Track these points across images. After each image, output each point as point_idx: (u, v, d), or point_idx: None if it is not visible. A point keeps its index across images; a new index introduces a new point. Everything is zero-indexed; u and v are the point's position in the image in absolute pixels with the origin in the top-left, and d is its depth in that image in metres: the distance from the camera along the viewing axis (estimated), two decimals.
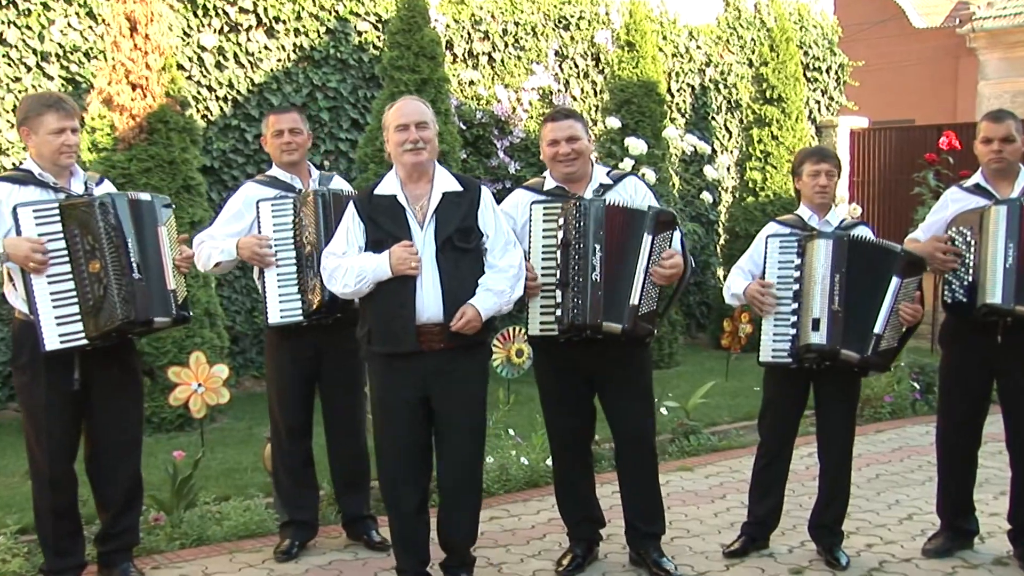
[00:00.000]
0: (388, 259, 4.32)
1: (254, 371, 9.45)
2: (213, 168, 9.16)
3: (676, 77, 12.86)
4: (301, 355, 5.13)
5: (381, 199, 4.47)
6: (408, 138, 4.43)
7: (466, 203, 4.47)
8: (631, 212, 4.61)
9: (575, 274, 4.53)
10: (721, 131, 13.41)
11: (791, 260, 4.91)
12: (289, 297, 5.03)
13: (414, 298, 4.32)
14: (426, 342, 4.34)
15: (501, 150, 10.86)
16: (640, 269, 4.54)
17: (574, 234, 4.54)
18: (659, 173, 10.20)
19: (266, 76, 9.46)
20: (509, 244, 4.52)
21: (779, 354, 4.90)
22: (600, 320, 4.52)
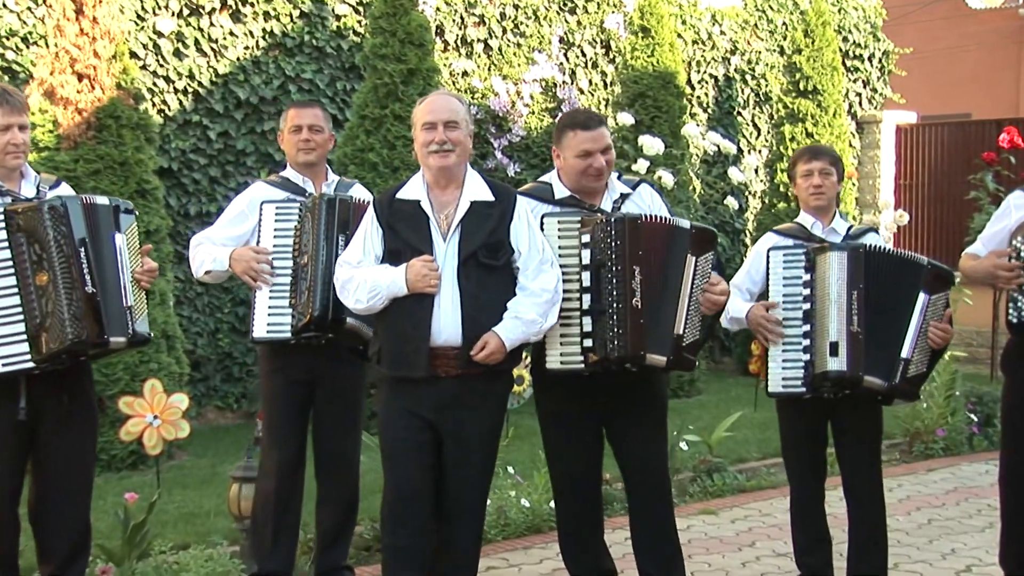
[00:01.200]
0: (405, 274, 4.36)
1: (217, 401, 9.45)
2: (171, 170, 9.18)
3: (697, 67, 12.90)
4: (293, 377, 5.16)
5: (403, 204, 4.51)
6: (434, 139, 4.47)
7: (497, 214, 4.49)
8: (672, 230, 4.62)
9: (613, 300, 4.51)
10: (748, 128, 13.44)
11: (798, 276, 4.91)
12: (279, 311, 5.06)
13: (430, 319, 4.35)
14: (441, 367, 4.37)
15: (498, 150, 10.89)
16: (684, 294, 4.55)
17: (609, 255, 4.52)
18: (678, 176, 10.22)
19: (232, 66, 9.49)
20: (545, 264, 4.52)
21: (791, 384, 4.89)
22: (643, 352, 4.51)
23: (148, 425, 5.59)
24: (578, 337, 4.56)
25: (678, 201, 10.16)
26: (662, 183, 8.38)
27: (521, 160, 11.08)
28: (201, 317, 9.36)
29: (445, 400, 4.40)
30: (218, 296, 9.37)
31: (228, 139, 9.51)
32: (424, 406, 4.41)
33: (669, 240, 4.59)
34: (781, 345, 4.90)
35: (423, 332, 4.34)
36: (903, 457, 8.44)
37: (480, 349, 4.33)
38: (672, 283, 4.56)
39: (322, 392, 5.15)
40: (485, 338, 4.35)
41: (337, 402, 5.19)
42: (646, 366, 4.55)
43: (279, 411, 5.20)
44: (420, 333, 4.35)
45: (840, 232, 5.08)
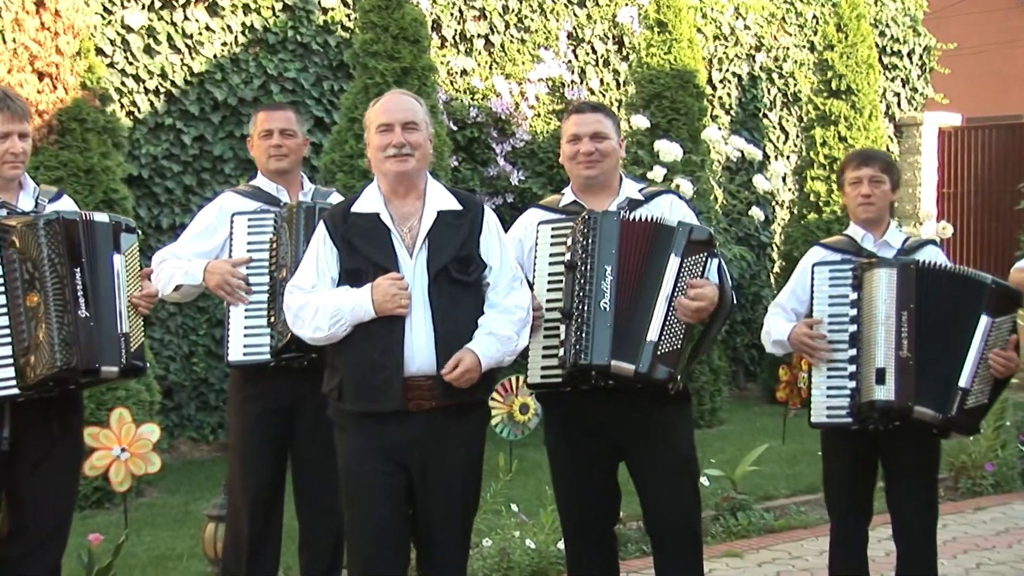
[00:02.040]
0: (370, 295, 4.30)
1: (192, 432, 9.44)
2: (141, 178, 9.19)
3: (719, 64, 12.92)
4: (271, 406, 5.15)
5: (360, 218, 4.46)
6: (391, 141, 4.43)
7: (466, 225, 4.46)
8: (655, 227, 4.60)
9: (579, 302, 4.52)
10: (775, 132, 13.46)
11: (845, 295, 4.89)
12: (256, 331, 5.07)
13: (402, 344, 4.29)
14: (414, 400, 4.31)
15: (501, 156, 10.90)
16: (662, 298, 4.52)
17: (581, 254, 4.54)
18: (697, 184, 10.23)
19: (208, 64, 9.51)
20: (516, 281, 4.52)
21: (836, 413, 4.87)
22: (608, 359, 4.49)
23: (115, 459, 5.59)
24: (556, 347, 4.57)
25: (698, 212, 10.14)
26: (680, 192, 8.37)
27: (525, 167, 11.08)
28: (174, 340, 9.36)
29: (416, 437, 4.33)
30: (192, 317, 9.37)
31: (204, 144, 9.52)
32: (393, 444, 4.35)
33: (650, 239, 4.58)
34: (825, 371, 4.89)
35: (395, 360, 4.28)
36: (948, 494, 8.41)
37: (453, 367, 4.28)
38: (648, 285, 4.54)
39: (303, 420, 5.13)
40: (459, 355, 4.29)
41: (320, 431, 5.16)
42: (615, 376, 4.52)
43: (254, 443, 5.19)
44: (391, 361, 4.28)
45: (894, 245, 5.05)
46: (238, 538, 5.21)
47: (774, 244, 13.00)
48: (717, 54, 12.89)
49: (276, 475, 5.23)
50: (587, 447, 4.77)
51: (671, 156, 9.31)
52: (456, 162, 10.42)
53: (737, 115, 13.09)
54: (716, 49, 12.88)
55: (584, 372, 4.53)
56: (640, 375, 4.49)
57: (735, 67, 13.08)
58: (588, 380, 4.57)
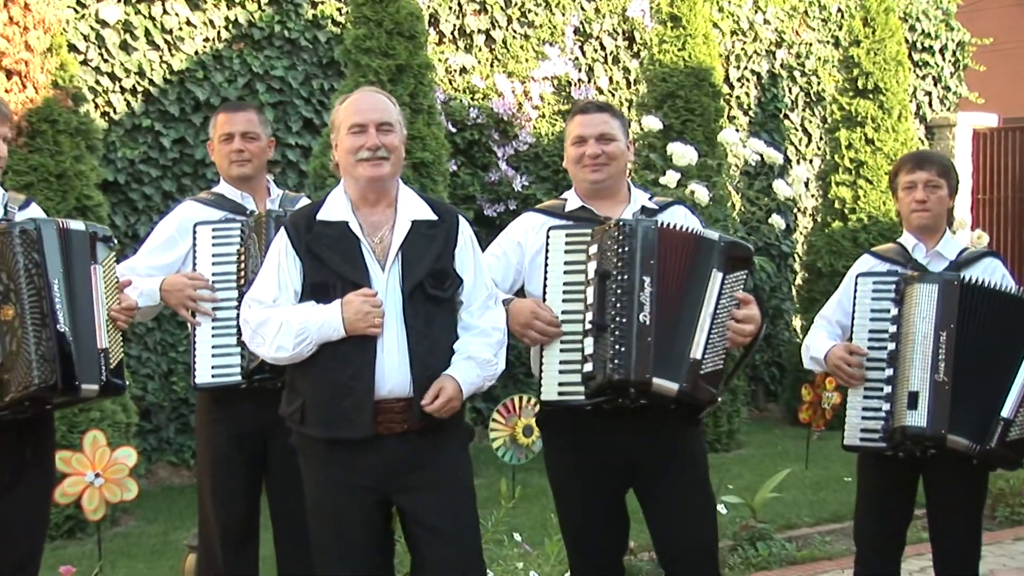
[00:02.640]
0: (340, 313, 4.25)
1: (171, 456, 9.44)
2: (117, 184, 9.20)
3: (736, 61, 12.93)
4: (242, 431, 5.15)
5: (326, 227, 4.40)
6: (365, 143, 4.38)
7: (441, 236, 4.43)
8: (696, 239, 4.61)
9: (617, 314, 4.48)
10: (797, 134, 13.46)
11: (886, 309, 4.87)
12: (225, 351, 5.06)
13: (373, 366, 4.25)
14: (384, 423, 4.26)
15: (503, 160, 10.91)
16: (706, 314, 4.53)
17: (615, 262, 4.51)
18: (713, 190, 10.22)
19: (189, 61, 9.53)
20: (491, 299, 4.50)
21: (869, 436, 4.86)
22: (650, 375, 4.46)
23: (88, 485, 5.59)
24: (578, 362, 4.55)
25: (714, 220, 10.16)
26: (695, 199, 8.37)
27: (529, 172, 11.09)
28: (152, 357, 9.36)
29: (392, 461, 4.29)
30: (172, 333, 9.37)
31: (185, 147, 9.53)
32: (366, 473, 4.30)
33: (691, 251, 4.58)
34: (862, 390, 4.89)
35: (365, 383, 4.24)
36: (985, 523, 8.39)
37: (434, 397, 4.24)
38: (691, 300, 4.54)
39: (277, 445, 5.05)
40: (439, 384, 4.26)
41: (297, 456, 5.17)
42: (655, 394, 4.50)
43: (223, 470, 5.18)
44: (362, 384, 4.24)
45: (947, 257, 5.03)
46: (213, 573, 5.21)
47: (796, 254, 12.99)
48: (735, 50, 12.90)
49: (250, 505, 5.23)
50: (594, 472, 4.75)
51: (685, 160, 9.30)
52: (455, 166, 10.43)
53: (756, 116, 13.10)
54: (733, 45, 12.90)
55: (620, 389, 4.50)
56: (683, 394, 4.50)
57: (754, 64, 13.09)
58: (621, 398, 4.55)
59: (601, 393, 4.52)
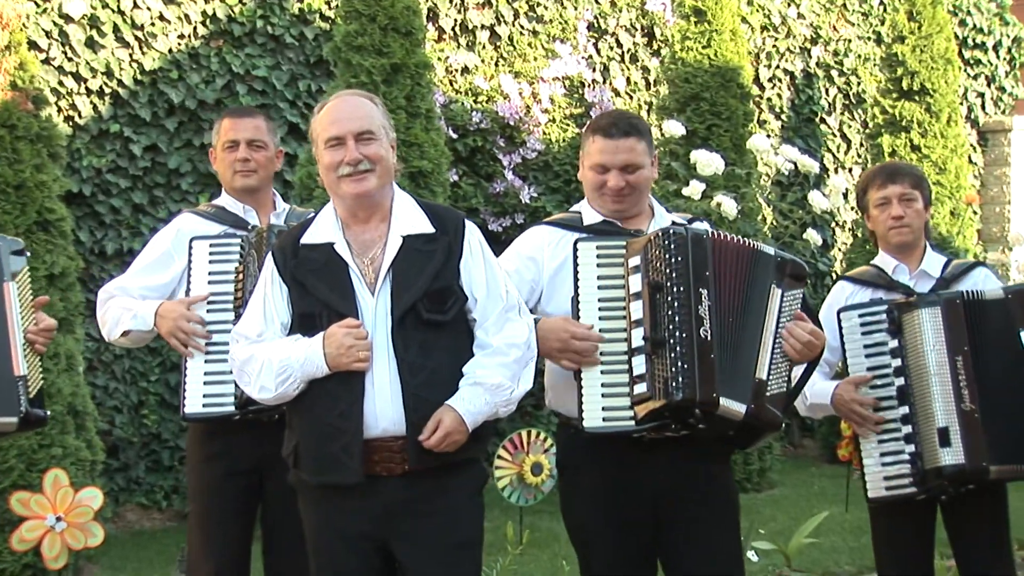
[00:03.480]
0: (322, 348, 4.22)
1: (141, 497, 9.42)
2: (82, 195, 9.20)
3: (767, 60, 12.94)
4: (236, 466, 5.16)
5: (311, 251, 4.38)
6: (344, 158, 4.32)
7: (440, 250, 4.37)
8: (754, 251, 4.64)
9: (676, 328, 4.47)
10: (835, 140, 13.46)
11: (882, 342, 4.91)
12: (219, 378, 5.06)
13: (361, 404, 4.23)
14: (380, 463, 4.24)
15: (508, 169, 10.91)
16: (768, 331, 4.55)
17: (668, 272, 4.50)
18: (742, 202, 10.21)
19: (162, 60, 9.54)
20: (511, 310, 4.44)
21: (897, 484, 4.89)
22: (717, 395, 4.44)
23: (49, 529, 5.57)
24: (626, 385, 4.52)
25: (744, 235, 10.16)
26: (722, 212, 8.37)
27: (538, 182, 11.09)
28: (120, 387, 9.35)
29: (391, 506, 4.27)
30: (142, 360, 9.37)
31: (157, 155, 9.53)
32: (363, 519, 4.29)
33: (749, 263, 4.60)
34: (875, 435, 4.91)
35: (353, 423, 4.21)
36: None
37: (432, 432, 4.19)
38: (753, 315, 4.56)
39: (274, 484, 5.08)
40: (437, 416, 4.21)
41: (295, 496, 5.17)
42: (718, 418, 4.49)
43: (215, 511, 5.18)
44: (349, 425, 4.21)
45: (933, 275, 5.08)
46: None
47: (833, 273, 12.97)
48: (765, 48, 12.91)
49: (242, 548, 5.24)
50: (619, 509, 4.73)
51: (711, 168, 9.31)
52: (455, 176, 10.42)
53: (789, 120, 13.11)
54: (764, 42, 12.91)
55: (682, 411, 4.49)
56: (750, 417, 4.50)
57: (787, 63, 13.10)
58: (678, 423, 4.54)
59: (658, 417, 4.50)
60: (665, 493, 4.68)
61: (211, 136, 5.58)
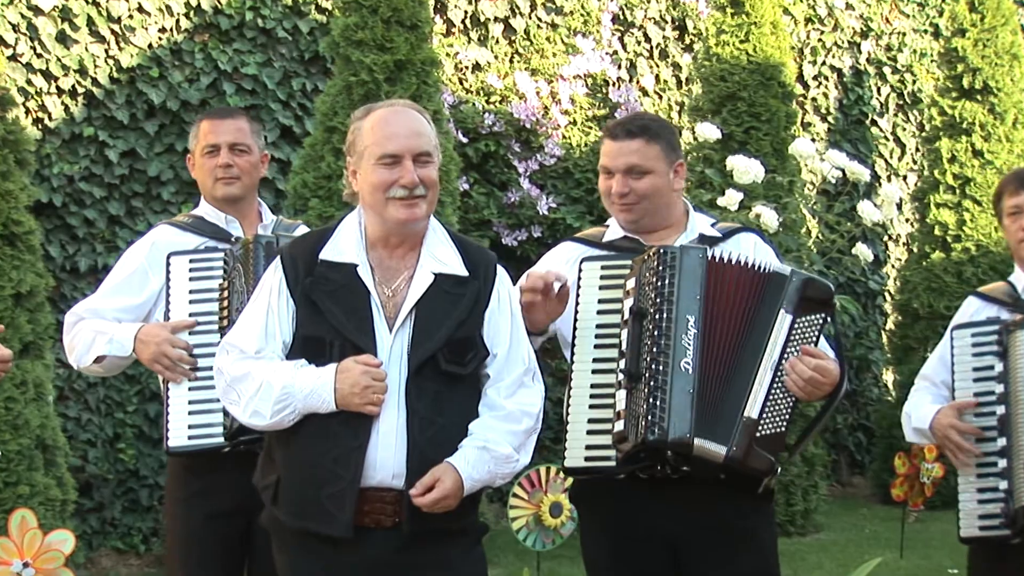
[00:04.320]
0: (334, 382, 4.20)
1: (116, 540, 9.42)
2: (52, 205, 9.21)
3: (812, 56, 12.95)
4: (222, 506, 5.15)
5: (331, 269, 4.35)
6: (401, 179, 4.27)
7: (469, 297, 4.36)
8: (757, 273, 4.60)
9: (652, 361, 4.46)
10: (887, 144, 13.46)
11: (990, 366, 4.87)
12: (205, 407, 5.06)
13: (363, 452, 4.20)
14: (371, 515, 4.23)
15: (524, 177, 10.91)
16: (767, 364, 4.51)
17: (653, 298, 4.50)
18: (784, 213, 10.21)
19: (141, 56, 9.55)
20: (528, 376, 4.44)
21: (991, 524, 4.84)
22: (691, 436, 4.42)
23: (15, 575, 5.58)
24: (610, 420, 4.53)
25: (785, 250, 10.16)
26: (762, 224, 8.37)
27: (557, 191, 11.08)
28: (94, 418, 9.36)
29: (376, 563, 4.25)
30: (119, 389, 9.37)
31: (135, 161, 9.55)
32: (344, 572, 4.27)
33: (752, 287, 4.58)
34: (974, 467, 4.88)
35: (350, 471, 4.19)
36: None
37: (426, 489, 4.16)
38: (750, 347, 4.53)
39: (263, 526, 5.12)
40: (436, 473, 4.17)
41: None
42: (697, 460, 4.47)
43: (198, 556, 5.18)
44: (347, 472, 4.19)
45: None
46: None
47: (886, 292, 12.97)
48: (810, 42, 12.92)
49: None
50: (641, 560, 4.74)
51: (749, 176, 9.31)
52: (466, 185, 10.42)
53: (837, 122, 13.11)
54: (809, 36, 12.92)
55: (655, 452, 4.49)
56: (731, 461, 4.46)
57: (834, 59, 13.10)
58: (657, 464, 4.54)
59: (634, 458, 4.51)
60: (683, 541, 4.68)
61: (190, 141, 5.57)
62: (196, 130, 5.45)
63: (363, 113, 4.43)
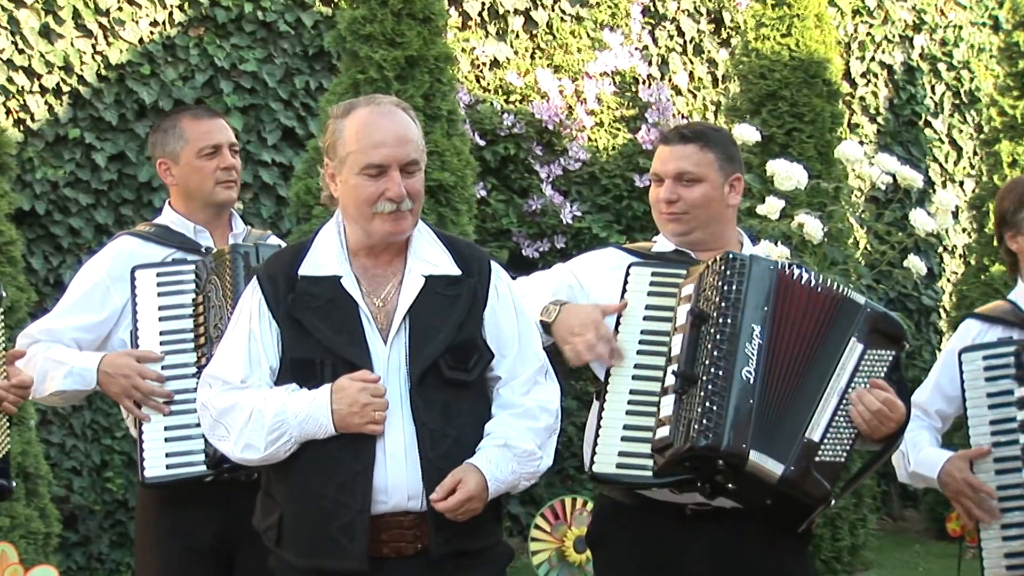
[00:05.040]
0: (329, 402, 4.21)
1: (103, 575, 9.46)
2: (35, 213, 9.25)
3: (861, 51, 12.95)
4: (201, 543, 5.16)
5: (313, 284, 4.36)
6: (387, 192, 4.29)
7: (465, 296, 4.39)
8: (833, 295, 4.65)
9: (712, 364, 4.49)
10: (942, 147, 13.45)
11: (1008, 391, 4.90)
12: (183, 433, 5.06)
13: (371, 475, 4.22)
14: (389, 543, 4.25)
15: (547, 182, 10.92)
16: (834, 388, 4.55)
17: (717, 302, 4.54)
18: (829, 222, 10.20)
19: (131, 52, 9.58)
20: (542, 373, 4.48)
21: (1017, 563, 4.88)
22: (746, 447, 4.45)
23: None
24: (651, 427, 4.55)
25: (831, 262, 10.17)
26: (805, 234, 8.37)
27: (583, 198, 11.07)
28: (80, 444, 9.38)
29: None
30: (107, 412, 9.38)
31: (125, 165, 9.57)
32: None
33: (823, 306, 4.62)
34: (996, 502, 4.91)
35: (359, 499, 4.20)
36: None
37: (448, 492, 4.18)
38: (818, 367, 4.57)
39: (247, 559, 5.10)
40: (458, 474, 4.20)
41: None
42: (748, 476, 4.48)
43: None
44: (354, 500, 4.20)
45: None
46: None
47: (941, 308, 12.96)
48: (858, 36, 12.93)
49: None
50: None
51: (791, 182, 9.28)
52: (483, 191, 10.43)
53: (887, 123, 13.11)
54: (857, 29, 12.93)
55: (702, 462, 4.49)
56: (787, 482, 4.48)
57: (884, 54, 13.11)
58: (699, 479, 4.54)
59: (678, 467, 4.51)
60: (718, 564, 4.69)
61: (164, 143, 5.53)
62: (178, 131, 5.43)
63: (343, 111, 4.44)
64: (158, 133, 5.57)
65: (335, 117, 4.44)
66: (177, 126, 5.46)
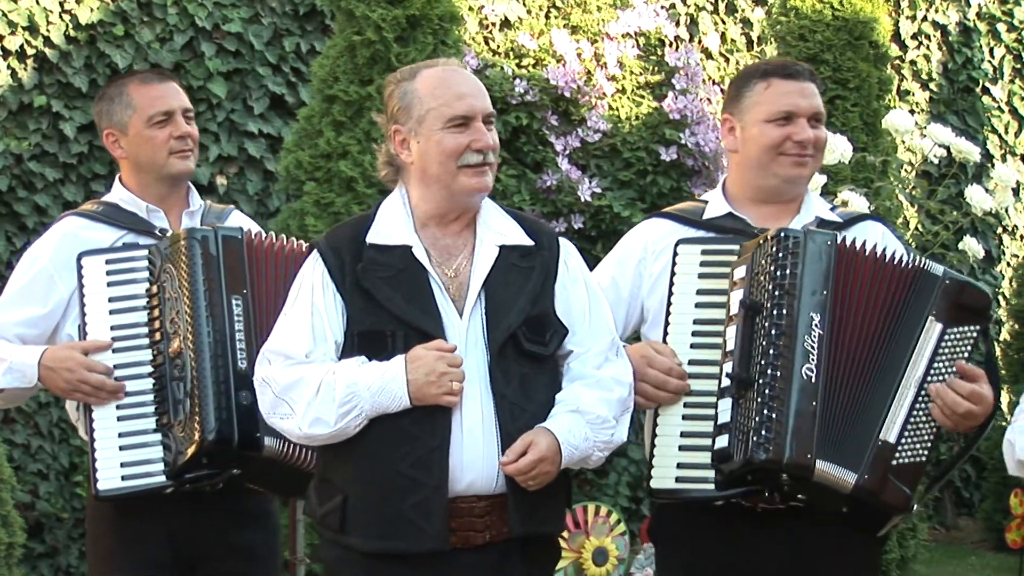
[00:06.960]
0: (404, 373, 4.30)
1: None
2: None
3: (911, 10, 12.95)
4: (160, 556, 5.17)
5: (381, 253, 4.47)
6: (475, 143, 4.44)
7: (539, 269, 4.51)
8: (897, 267, 4.64)
9: (768, 365, 4.50)
10: (1002, 116, 13.45)
11: None
12: (139, 439, 5.07)
13: (447, 451, 4.31)
14: (459, 531, 4.33)
15: (563, 155, 10.91)
16: (910, 379, 4.55)
17: (770, 290, 4.53)
18: (876, 199, 10.22)
19: (103, 11, 9.59)
20: (613, 349, 4.55)
21: None
22: (812, 458, 4.45)
23: None
24: (710, 436, 4.55)
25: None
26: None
27: (602, 172, 11.05)
28: (46, 445, 9.40)
29: None
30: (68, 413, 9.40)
31: (96, 136, 9.54)
32: None
33: (891, 282, 4.61)
34: None
35: (436, 476, 4.29)
36: None
37: (520, 454, 4.27)
38: (889, 356, 4.56)
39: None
40: (529, 437, 4.30)
41: None
42: (816, 488, 4.49)
43: None
44: (431, 478, 4.29)
45: None
46: None
47: (1002, 294, 12.96)
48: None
49: None
50: None
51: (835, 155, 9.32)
52: None
53: (941, 90, 13.11)
54: None
55: (767, 477, 4.51)
56: (862, 491, 4.50)
57: (937, 14, 13.11)
58: (766, 491, 4.57)
59: (739, 481, 4.52)
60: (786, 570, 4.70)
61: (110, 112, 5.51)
62: (125, 98, 5.43)
63: (408, 74, 4.57)
64: (103, 102, 5.55)
65: (398, 81, 4.57)
66: (124, 93, 5.44)
